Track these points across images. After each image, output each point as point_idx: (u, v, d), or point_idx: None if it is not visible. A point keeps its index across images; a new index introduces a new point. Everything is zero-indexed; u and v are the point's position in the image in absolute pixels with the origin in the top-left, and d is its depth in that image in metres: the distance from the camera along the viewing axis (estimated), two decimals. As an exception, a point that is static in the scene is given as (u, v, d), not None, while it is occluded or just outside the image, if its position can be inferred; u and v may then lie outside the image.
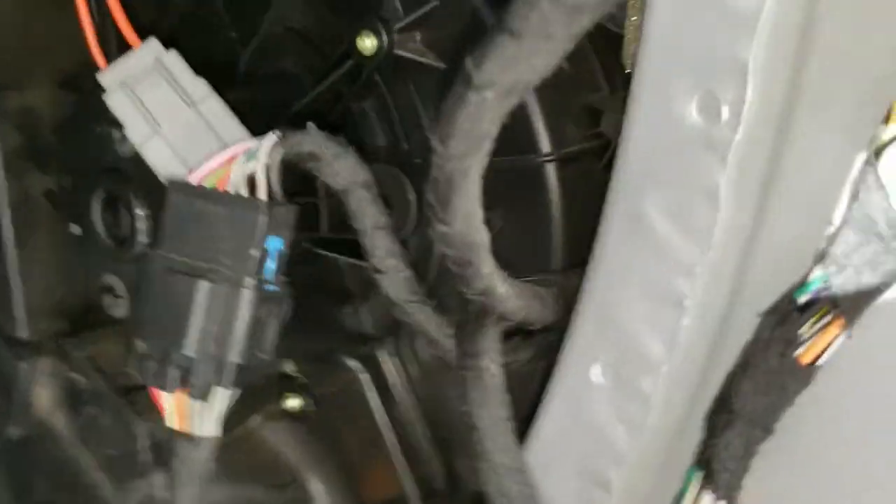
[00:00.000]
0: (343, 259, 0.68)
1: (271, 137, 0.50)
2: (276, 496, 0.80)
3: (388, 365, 0.70)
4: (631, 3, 0.51)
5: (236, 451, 0.80)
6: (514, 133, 0.60)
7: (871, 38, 0.35)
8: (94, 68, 0.62)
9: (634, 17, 0.51)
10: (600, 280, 0.47)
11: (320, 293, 0.71)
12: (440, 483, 0.71)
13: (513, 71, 0.31)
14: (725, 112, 0.40)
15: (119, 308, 0.68)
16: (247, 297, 0.49)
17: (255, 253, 0.48)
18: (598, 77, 0.62)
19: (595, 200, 0.49)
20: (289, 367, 0.75)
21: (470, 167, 0.35)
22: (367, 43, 0.61)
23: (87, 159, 0.67)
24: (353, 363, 0.71)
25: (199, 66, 0.72)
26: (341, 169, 0.50)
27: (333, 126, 0.66)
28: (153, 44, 0.58)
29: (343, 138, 0.52)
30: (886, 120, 0.34)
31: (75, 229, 0.69)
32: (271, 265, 0.50)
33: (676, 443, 0.47)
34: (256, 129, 0.65)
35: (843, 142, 0.36)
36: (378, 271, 0.52)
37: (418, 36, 0.62)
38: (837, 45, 0.36)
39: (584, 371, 0.49)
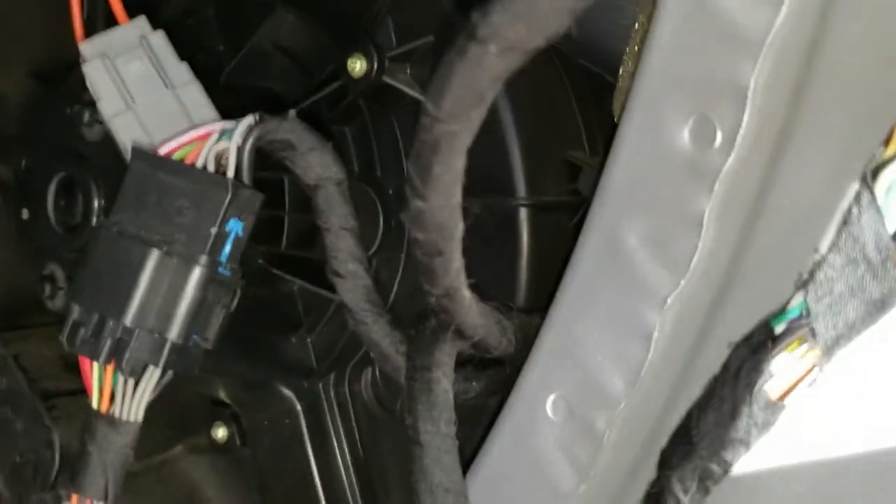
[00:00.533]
0: (298, 284, 0.66)
1: (249, 119, 0.48)
2: (185, 533, 0.75)
3: (327, 402, 0.68)
4: (627, 52, 0.51)
5: (150, 479, 0.75)
6: (493, 174, 0.60)
7: (876, 60, 0.35)
8: (71, 62, 0.61)
9: (630, 66, 0.51)
10: (566, 307, 0.45)
11: (269, 317, 0.68)
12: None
13: (519, 26, 0.29)
14: (719, 137, 0.40)
15: (57, 300, 0.65)
16: (198, 274, 0.46)
17: (213, 231, 0.46)
18: (580, 136, 0.62)
19: (562, 254, 0.48)
20: (223, 394, 0.72)
21: (458, 133, 0.33)
22: (358, 65, 0.61)
23: (51, 142, 0.65)
24: (290, 394, 0.68)
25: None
26: (315, 162, 0.49)
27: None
28: (141, 21, 0.57)
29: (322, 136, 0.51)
30: (887, 142, 0.33)
31: (24, 214, 0.67)
32: (227, 248, 0.48)
33: (625, 489, 0.45)
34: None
35: (837, 169, 0.35)
36: (338, 275, 0.49)
37: (408, 68, 0.62)
38: (842, 70, 0.36)
39: (537, 404, 0.47)
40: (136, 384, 0.47)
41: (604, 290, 0.44)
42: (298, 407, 0.68)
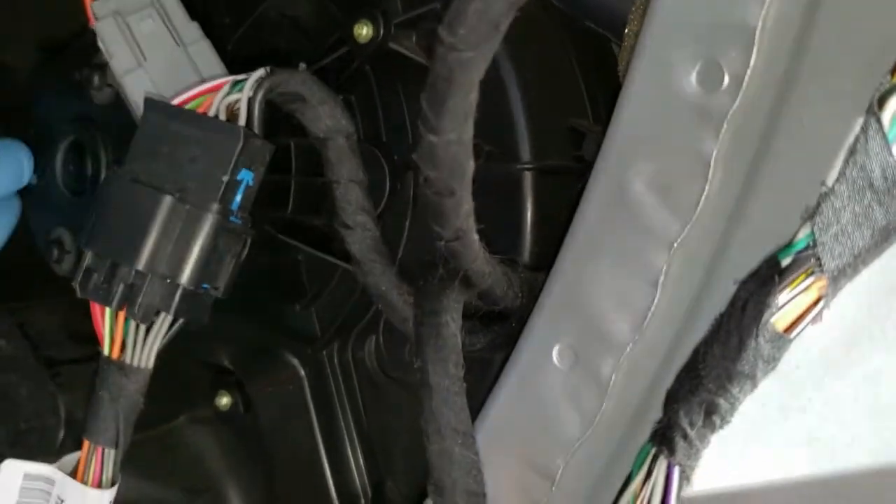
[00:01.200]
0: (303, 251, 0.66)
1: (260, 71, 0.49)
2: (189, 501, 0.75)
3: (331, 369, 0.68)
4: (633, 12, 0.52)
5: (155, 447, 0.76)
6: (497, 138, 0.61)
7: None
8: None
9: (635, 25, 0.52)
10: (572, 254, 0.46)
11: (275, 284, 0.69)
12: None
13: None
14: (726, 80, 0.40)
15: (64, 264, 0.66)
16: (209, 220, 0.47)
17: (225, 178, 0.47)
18: (584, 103, 0.63)
19: (566, 219, 0.49)
20: (226, 361, 0.73)
21: (473, 61, 0.34)
22: (364, 31, 0.62)
23: (59, 107, 0.66)
24: (294, 360, 0.69)
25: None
26: (325, 115, 0.49)
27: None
28: (153, -21, 0.57)
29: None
30: (894, 71, 0.34)
31: (33, 179, 0.67)
32: (238, 197, 0.48)
33: (630, 434, 0.45)
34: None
35: (845, 104, 0.36)
36: (346, 226, 0.50)
37: (414, 35, 0.63)
38: (847, 4, 0.36)
39: (543, 353, 0.47)
40: (148, 331, 0.48)
41: (610, 236, 0.45)
42: (302, 373, 0.68)
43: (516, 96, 0.60)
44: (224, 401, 0.73)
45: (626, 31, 0.53)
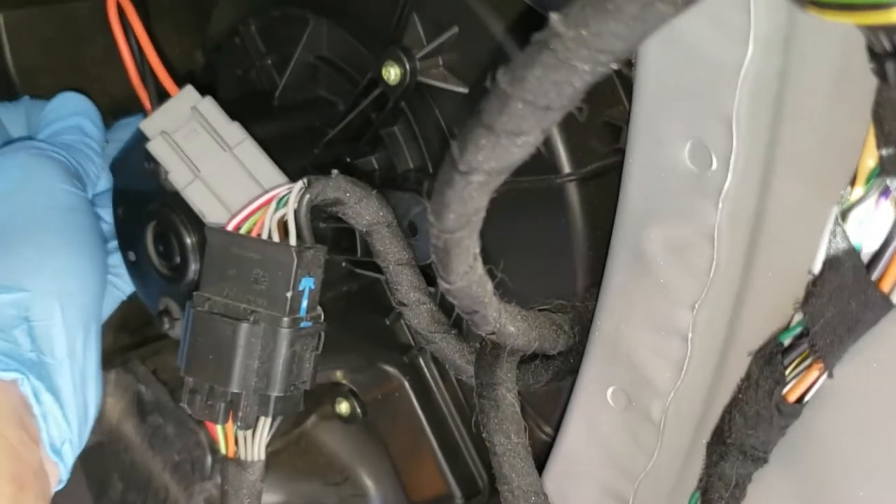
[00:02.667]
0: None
1: (299, 185, 0.53)
2: (331, 493, 0.84)
3: (428, 371, 0.74)
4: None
5: (293, 452, 0.85)
6: (534, 154, 0.63)
7: (839, 104, 0.37)
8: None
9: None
10: (609, 310, 0.50)
11: (363, 307, 0.75)
12: (481, 483, 0.75)
13: (492, 159, 0.34)
14: (714, 161, 0.43)
15: (176, 329, 0.73)
16: (284, 335, 0.53)
17: (289, 295, 0.52)
18: (617, 91, 0.64)
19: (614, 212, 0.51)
20: (338, 375, 0.80)
21: (463, 237, 0.38)
22: (392, 73, 0.65)
23: (140, 192, 0.72)
24: (395, 371, 0.75)
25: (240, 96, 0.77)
26: (364, 211, 0.54)
27: (366, 149, 0.70)
28: (189, 91, 0.62)
29: (366, 184, 0.56)
30: (852, 183, 0.36)
31: (131, 256, 0.74)
32: (304, 304, 0.54)
33: (685, 465, 0.50)
34: (295, 157, 0.70)
35: (819, 192, 0.38)
36: (402, 304, 0.55)
37: (440, 62, 0.66)
38: (810, 101, 0.38)
39: (598, 395, 0.52)
40: (254, 431, 0.55)
41: (638, 295, 0.49)
42: (403, 380, 0.75)
43: None
44: (343, 407, 0.80)
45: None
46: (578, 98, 0.31)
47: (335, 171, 0.54)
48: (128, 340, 0.86)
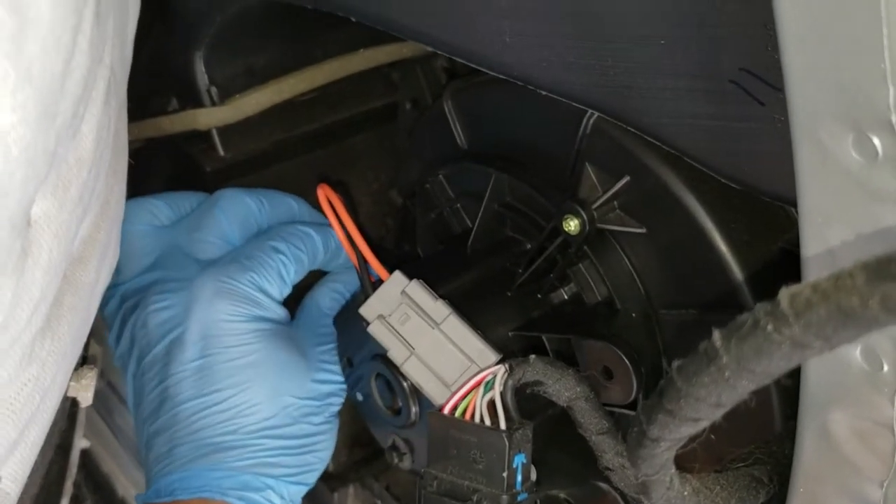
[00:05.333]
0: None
1: (502, 371, 0.60)
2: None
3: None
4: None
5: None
6: (713, 290, 0.67)
7: None
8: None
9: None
10: (805, 476, 0.54)
11: (567, 429, 0.80)
12: None
13: (675, 433, 0.39)
14: (885, 364, 0.46)
15: (404, 462, 0.81)
16: (504, 510, 0.60)
17: (505, 475, 0.59)
18: (787, 215, 0.66)
19: None
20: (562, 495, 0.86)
21: (659, 477, 0.43)
22: (572, 224, 0.70)
23: (362, 346, 0.80)
24: (605, 486, 0.80)
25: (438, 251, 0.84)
26: (562, 388, 0.60)
27: (556, 282, 0.76)
28: (398, 277, 0.69)
29: (562, 362, 0.62)
30: None
31: (359, 396, 0.83)
32: (519, 477, 0.60)
33: None
34: (492, 303, 0.76)
35: None
36: (608, 468, 0.61)
37: (616, 206, 0.71)
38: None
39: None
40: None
41: (829, 468, 0.52)
42: (616, 496, 0.80)
43: (717, 238, 0.66)
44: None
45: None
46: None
47: (532, 357, 0.60)
48: (361, 455, 0.95)
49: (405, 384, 0.76)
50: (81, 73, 0.38)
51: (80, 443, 0.94)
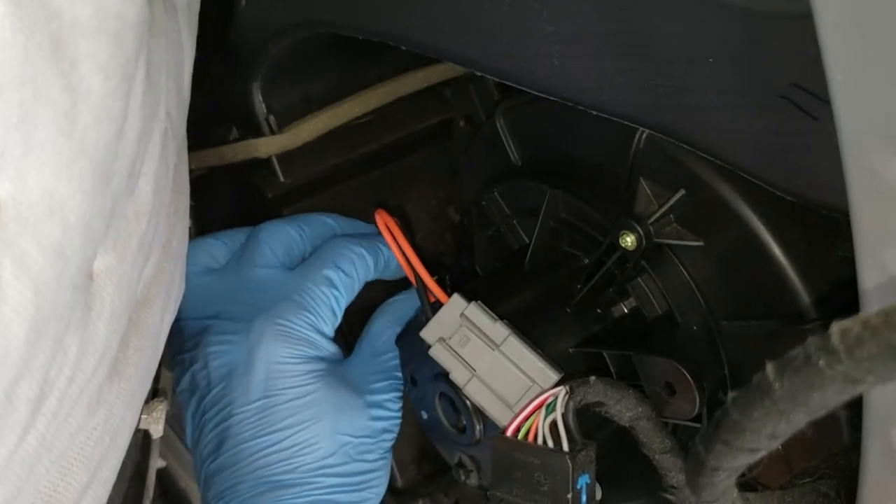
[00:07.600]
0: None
1: (563, 392, 0.60)
2: None
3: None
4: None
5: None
6: (773, 301, 0.66)
7: None
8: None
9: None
10: (870, 500, 0.53)
11: (626, 445, 0.80)
12: None
13: (733, 462, 0.39)
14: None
15: (471, 479, 0.82)
16: (571, 532, 0.60)
17: (569, 497, 0.59)
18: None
19: None
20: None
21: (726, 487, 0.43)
22: (629, 240, 0.70)
23: (425, 366, 0.81)
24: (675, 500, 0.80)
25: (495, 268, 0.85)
26: (624, 409, 0.60)
27: (615, 297, 0.76)
28: (457, 299, 0.70)
29: (623, 382, 0.62)
30: None
31: (423, 415, 0.84)
32: (583, 498, 0.61)
33: None
34: (552, 322, 0.77)
35: None
36: (673, 487, 0.61)
37: (673, 221, 0.70)
38: None
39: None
40: None
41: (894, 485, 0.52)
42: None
43: (775, 248, 0.65)
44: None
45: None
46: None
47: (593, 378, 0.61)
48: (429, 469, 0.96)
49: (468, 403, 0.77)
50: (135, 133, 0.40)
51: (156, 464, 0.96)
